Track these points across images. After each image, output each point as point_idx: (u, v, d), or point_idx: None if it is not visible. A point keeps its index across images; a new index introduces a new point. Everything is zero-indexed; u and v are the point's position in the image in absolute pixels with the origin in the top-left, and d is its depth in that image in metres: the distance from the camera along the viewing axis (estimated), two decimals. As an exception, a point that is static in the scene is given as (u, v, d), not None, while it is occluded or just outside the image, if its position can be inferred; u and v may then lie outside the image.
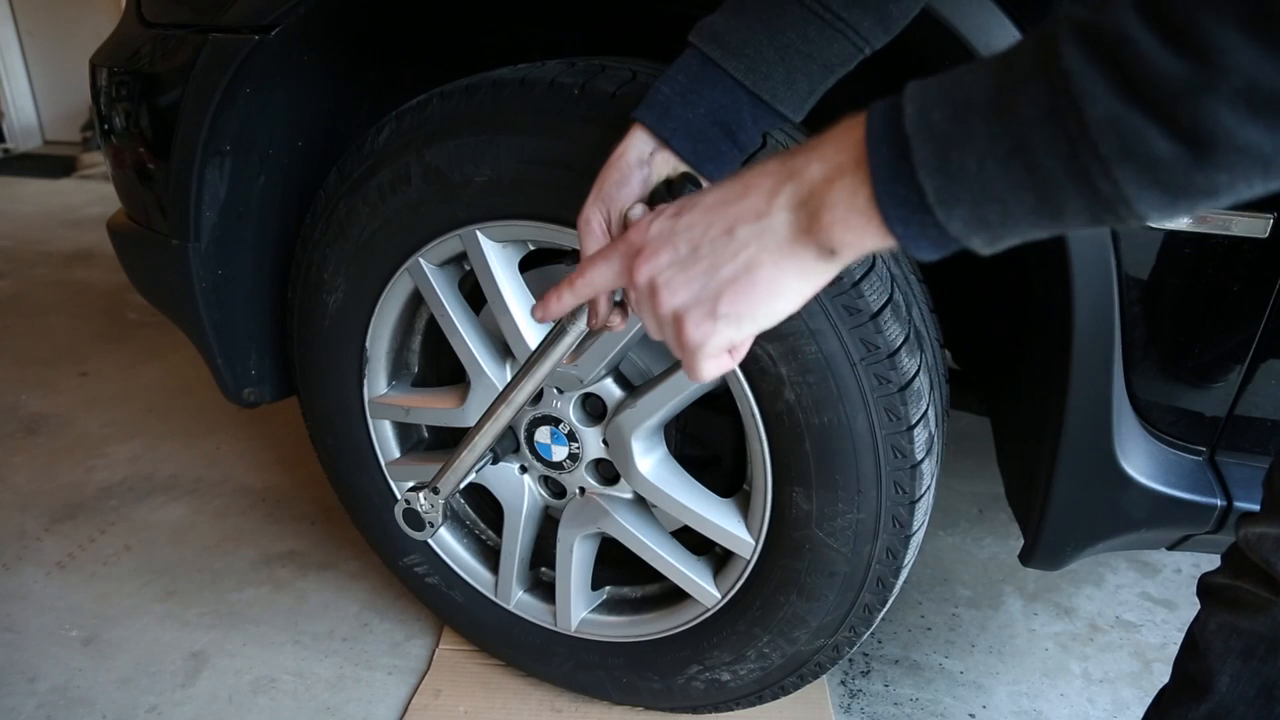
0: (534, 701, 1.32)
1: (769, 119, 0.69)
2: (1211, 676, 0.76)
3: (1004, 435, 1.21)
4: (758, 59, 0.67)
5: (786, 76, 0.67)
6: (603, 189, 0.71)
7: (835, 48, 0.67)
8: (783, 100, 0.68)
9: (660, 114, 0.69)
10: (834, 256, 0.51)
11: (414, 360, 1.24)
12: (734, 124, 0.69)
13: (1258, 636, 0.73)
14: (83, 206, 4.16)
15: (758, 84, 0.67)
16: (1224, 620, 0.76)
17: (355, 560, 1.65)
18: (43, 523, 1.78)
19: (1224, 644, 0.76)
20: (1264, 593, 0.72)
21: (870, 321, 0.89)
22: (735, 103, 0.68)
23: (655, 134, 0.70)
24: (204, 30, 1.06)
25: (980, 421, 1.37)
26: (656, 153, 0.70)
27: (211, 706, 1.34)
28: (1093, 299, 0.84)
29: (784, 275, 0.52)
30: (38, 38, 5.39)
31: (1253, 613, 0.73)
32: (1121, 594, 1.59)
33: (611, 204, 0.71)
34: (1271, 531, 0.71)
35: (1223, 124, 0.36)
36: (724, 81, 0.68)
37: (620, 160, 0.71)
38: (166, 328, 2.53)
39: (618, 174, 0.71)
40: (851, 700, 1.35)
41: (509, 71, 0.99)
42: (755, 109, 0.68)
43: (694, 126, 0.69)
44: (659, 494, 1.05)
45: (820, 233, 0.50)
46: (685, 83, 0.69)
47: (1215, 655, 0.76)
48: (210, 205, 1.15)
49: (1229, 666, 0.75)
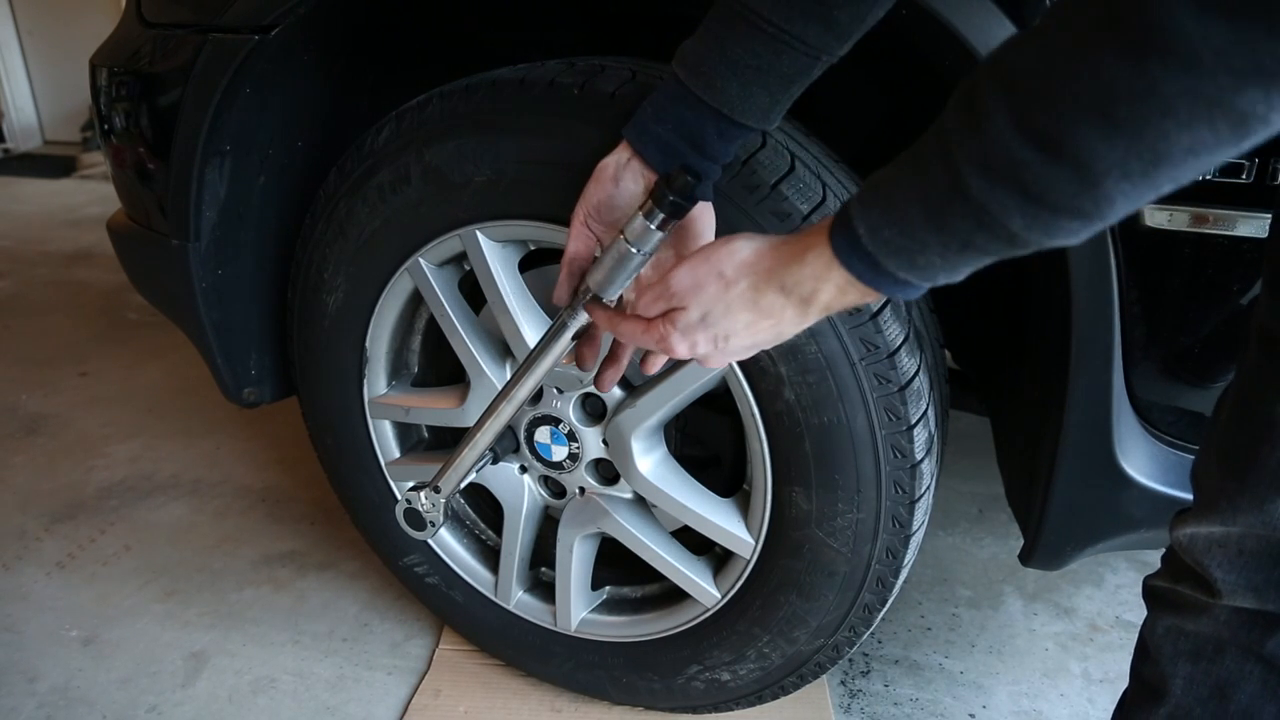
0: (534, 701, 1.32)
1: (735, 131, 0.75)
2: (1165, 680, 0.76)
3: (1004, 435, 1.21)
4: (713, 76, 0.72)
5: (741, 91, 0.72)
6: (585, 194, 0.80)
7: (785, 60, 0.71)
8: (743, 113, 0.74)
9: (639, 130, 0.77)
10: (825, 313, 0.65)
11: (414, 360, 1.24)
12: (699, 137, 0.75)
13: (1203, 638, 0.74)
14: (83, 206, 4.16)
15: (716, 99, 0.73)
16: (1170, 624, 0.77)
17: (355, 560, 1.65)
18: (43, 523, 1.78)
19: (1173, 647, 0.76)
20: (1202, 596, 0.73)
21: (870, 321, 0.89)
22: (700, 118, 0.74)
23: (631, 147, 0.78)
24: (204, 30, 1.06)
25: (980, 421, 1.37)
26: (632, 161, 0.78)
27: (211, 706, 1.34)
28: (1093, 299, 0.84)
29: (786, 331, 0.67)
30: (38, 38, 5.39)
31: (1195, 614, 0.74)
32: (1121, 594, 1.59)
33: (590, 201, 0.80)
34: (1201, 531, 0.71)
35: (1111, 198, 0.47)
36: (689, 99, 0.74)
37: (601, 165, 0.79)
38: (166, 328, 2.52)
39: (595, 175, 0.80)
40: (851, 700, 1.35)
41: (509, 71, 0.99)
42: (719, 123, 0.74)
43: (663, 140, 0.76)
44: (659, 494, 1.05)
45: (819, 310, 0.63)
46: (662, 101, 0.76)
47: (1166, 659, 0.77)
48: (210, 205, 1.15)
49: (1180, 669, 0.75)
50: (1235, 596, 0.70)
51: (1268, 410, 0.65)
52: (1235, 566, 0.70)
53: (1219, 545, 0.70)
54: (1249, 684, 0.72)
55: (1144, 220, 0.81)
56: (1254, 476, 0.66)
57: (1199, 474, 0.72)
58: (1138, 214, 0.80)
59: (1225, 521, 0.69)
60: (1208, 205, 0.79)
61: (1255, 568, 0.69)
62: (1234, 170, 0.77)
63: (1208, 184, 0.78)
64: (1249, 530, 0.68)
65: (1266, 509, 0.66)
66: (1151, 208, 0.80)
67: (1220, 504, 0.69)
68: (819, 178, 0.91)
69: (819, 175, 0.91)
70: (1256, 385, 0.67)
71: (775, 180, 0.88)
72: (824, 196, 0.90)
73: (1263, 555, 0.68)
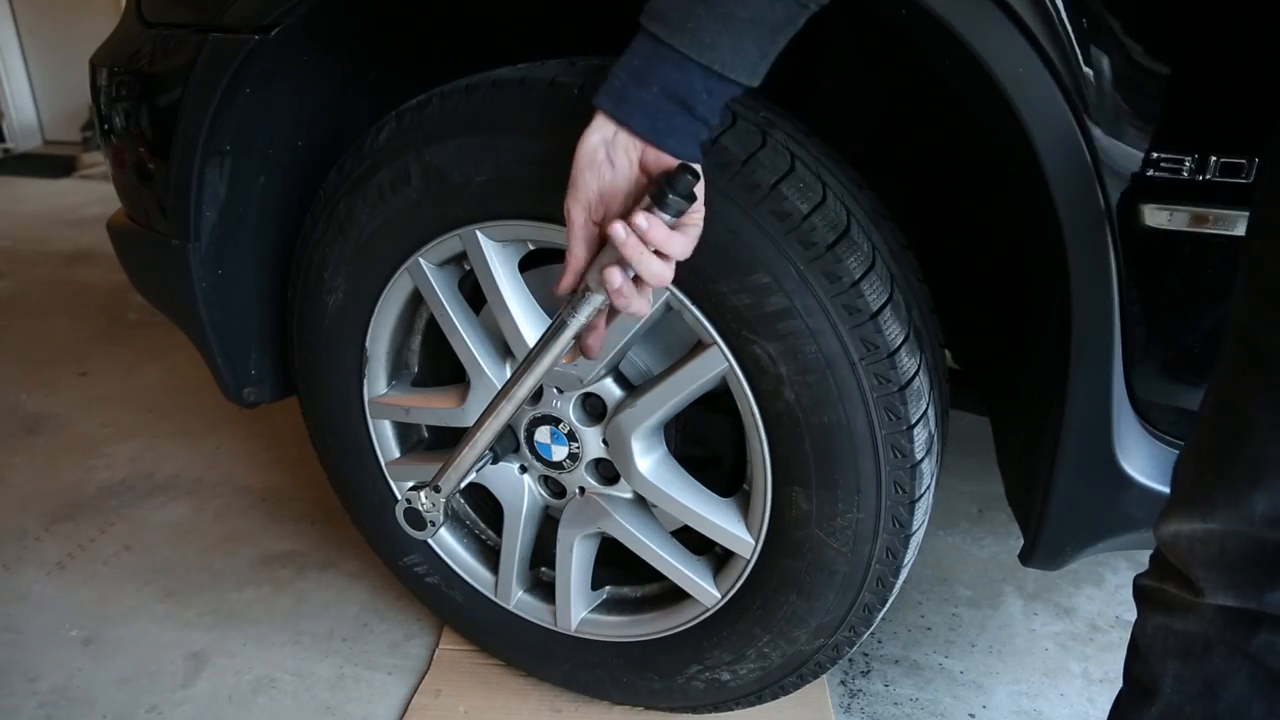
0: (534, 701, 1.32)
1: (724, 88, 0.71)
2: (1156, 679, 0.77)
3: (1004, 435, 1.21)
4: (701, 31, 0.68)
5: (733, 44, 0.68)
6: (575, 180, 0.75)
7: (777, 8, 0.68)
8: (733, 68, 0.69)
9: (617, 98, 0.71)
10: None
11: (414, 360, 1.24)
12: (688, 97, 0.70)
13: (1191, 636, 0.74)
14: (83, 206, 4.16)
15: (705, 55, 0.69)
16: (1159, 623, 0.77)
17: (355, 560, 1.64)
18: (43, 523, 1.78)
19: (1162, 646, 0.76)
20: (1187, 595, 0.73)
21: (870, 321, 0.89)
22: (686, 77, 0.70)
23: (614, 118, 0.72)
24: (204, 30, 1.06)
25: (980, 421, 1.37)
26: (618, 134, 0.73)
27: (211, 706, 1.34)
28: (1093, 299, 0.84)
29: None
30: (38, 38, 5.38)
31: (1182, 613, 0.74)
32: (1121, 594, 1.59)
33: (588, 192, 0.75)
34: (1184, 529, 0.71)
35: None
36: (673, 57, 0.69)
37: (585, 147, 0.74)
38: (166, 328, 2.52)
39: (585, 160, 0.74)
40: (851, 700, 1.35)
41: (509, 71, 0.99)
42: (708, 80, 0.70)
43: (649, 106, 0.71)
44: (659, 494, 1.05)
45: None
46: (638, 65, 0.71)
47: (1156, 658, 0.77)
48: (210, 205, 1.15)
49: (1170, 668, 0.76)
50: (1218, 595, 0.71)
51: (1243, 408, 0.65)
52: (1217, 565, 0.70)
53: (1201, 544, 0.70)
54: (1237, 681, 0.72)
55: (1144, 220, 0.81)
56: (1230, 473, 0.67)
57: (1179, 472, 0.72)
58: (1138, 214, 0.80)
59: (1205, 519, 0.69)
60: (1208, 205, 0.79)
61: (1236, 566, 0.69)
62: (1234, 170, 0.77)
63: (1208, 184, 0.78)
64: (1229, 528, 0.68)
65: (1243, 506, 0.66)
66: (1152, 208, 0.80)
67: (1199, 501, 0.69)
68: (819, 177, 0.91)
69: (819, 175, 0.91)
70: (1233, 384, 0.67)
71: (775, 180, 0.88)
72: (824, 196, 0.90)
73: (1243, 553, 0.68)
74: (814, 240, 0.88)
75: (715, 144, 0.88)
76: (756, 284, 0.89)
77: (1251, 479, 0.65)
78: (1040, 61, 0.76)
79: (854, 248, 0.90)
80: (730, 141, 0.88)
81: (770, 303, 0.89)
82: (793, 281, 0.88)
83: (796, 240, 0.88)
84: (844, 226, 0.90)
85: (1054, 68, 0.76)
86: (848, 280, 0.88)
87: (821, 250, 0.88)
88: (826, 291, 0.88)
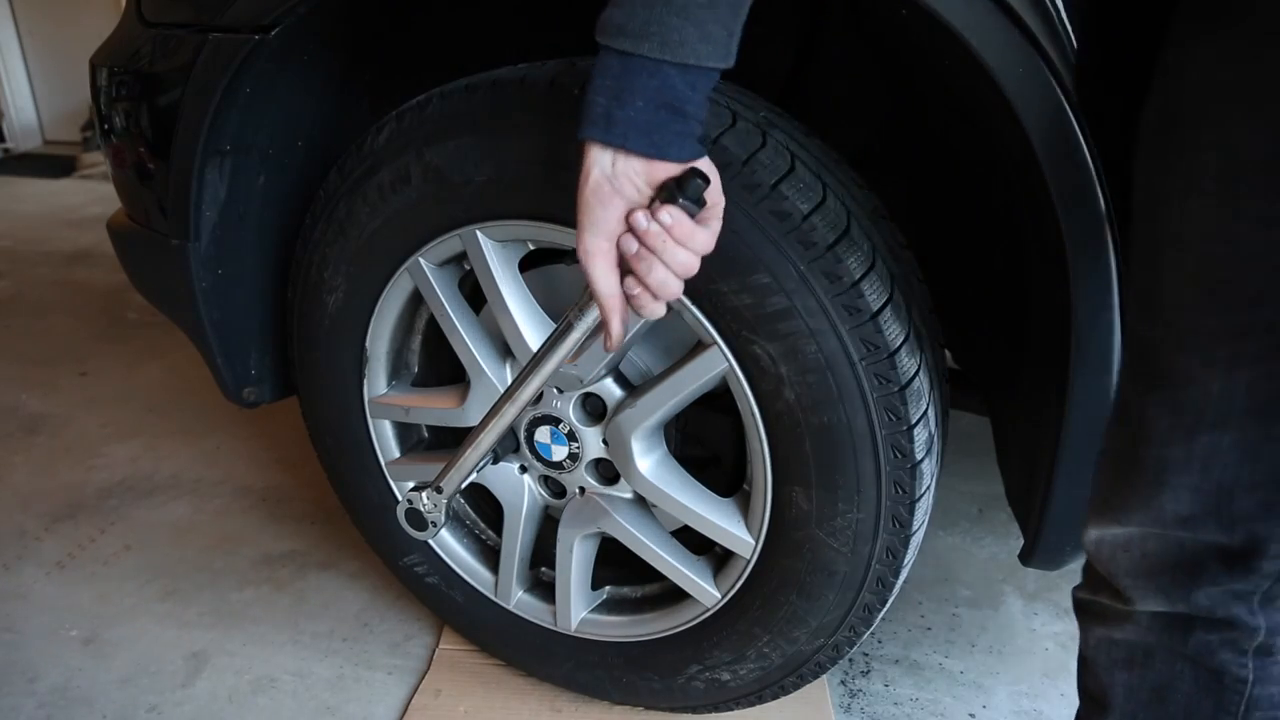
0: (534, 701, 1.32)
1: (704, 79, 0.68)
2: (1105, 692, 0.77)
3: (1004, 435, 1.21)
4: (665, 31, 0.65)
5: (699, 33, 0.66)
6: (588, 220, 0.72)
7: None
8: (707, 56, 0.67)
9: (605, 125, 0.69)
10: None
11: (414, 360, 1.24)
12: (674, 101, 0.68)
13: (1133, 645, 0.74)
14: (83, 206, 4.16)
15: (676, 53, 0.66)
16: (1100, 635, 0.77)
17: (355, 560, 1.64)
18: (43, 523, 1.78)
19: (1107, 657, 0.77)
20: (1120, 605, 0.73)
21: (870, 321, 0.89)
22: (666, 82, 0.67)
23: (608, 144, 0.69)
24: (204, 30, 1.06)
25: (980, 421, 1.37)
26: (617, 161, 0.70)
27: (211, 706, 1.34)
28: (1093, 299, 0.84)
29: None
30: (38, 38, 5.38)
31: (1119, 623, 0.74)
32: (1121, 594, 1.59)
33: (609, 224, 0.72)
34: (1106, 534, 0.71)
35: None
36: (646, 66, 0.66)
37: (588, 185, 0.71)
38: (166, 328, 2.52)
39: (593, 199, 0.71)
40: (851, 700, 1.35)
41: (509, 71, 0.99)
42: (686, 77, 0.67)
43: (639, 122, 0.68)
44: (659, 494, 1.05)
45: None
46: (612, 85, 0.68)
47: (1103, 670, 0.77)
48: (210, 205, 1.15)
49: (1118, 679, 0.76)
50: (1147, 601, 0.71)
51: (1140, 409, 0.66)
52: (1139, 571, 0.70)
53: (1123, 550, 0.71)
54: (1183, 684, 0.73)
55: (1144, 220, 0.81)
56: (1136, 475, 0.67)
57: (1097, 477, 0.73)
58: (1138, 214, 0.80)
59: (1122, 522, 0.69)
60: (1208, 205, 0.79)
61: (1157, 570, 0.69)
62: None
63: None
64: (1145, 530, 0.68)
65: (1154, 507, 0.67)
66: (1151, 208, 0.80)
67: (1115, 504, 0.70)
68: (819, 177, 0.91)
69: (819, 175, 0.91)
70: (1129, 385, 0.68)
71: (775, 180, 0.88)
72: (824, 196, 0.90)
73: (1161, 556, 0.69)
74: (814, 240, 0.88)
75: (715, 144, 0.88)
76: (757, 284, 0.89)
77: (1157, 480, 0.66)
78: (1040, 61, 0.76)
79: (854, 248, 0.90)
80: (730, 141, 0.88)
81: (770, 303, 0.89)
82: (793, 281, 0.88)
83: (797, 240, 0.88)
84: (844, 226, 0.90)
85: (1054, 67, 0.76)
86: (848, 280, 0.88)
87: (822, 250, 0.88)
88: (827, 291, 0.88)
